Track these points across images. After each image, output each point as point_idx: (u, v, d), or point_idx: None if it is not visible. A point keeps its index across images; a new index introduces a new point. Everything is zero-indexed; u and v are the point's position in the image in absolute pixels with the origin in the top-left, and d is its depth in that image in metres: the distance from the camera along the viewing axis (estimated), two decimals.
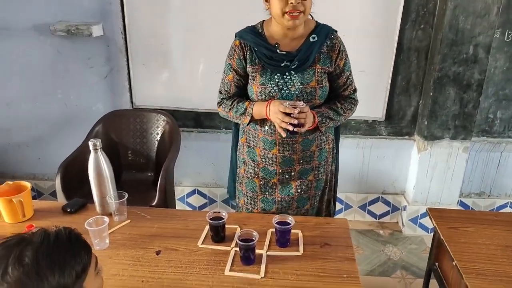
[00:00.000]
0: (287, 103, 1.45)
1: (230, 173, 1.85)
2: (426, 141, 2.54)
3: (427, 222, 2.67)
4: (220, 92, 1.68)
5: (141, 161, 2.44)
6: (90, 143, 1.51)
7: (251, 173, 1.70)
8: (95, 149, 1.51)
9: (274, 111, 1.47)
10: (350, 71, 1.63)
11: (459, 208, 2.79)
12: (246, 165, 1.71)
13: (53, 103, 2.68)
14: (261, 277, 1.28)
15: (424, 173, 2.62)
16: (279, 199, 1.70)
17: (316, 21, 1.59)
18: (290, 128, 1.44)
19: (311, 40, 1.54)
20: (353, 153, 2.72)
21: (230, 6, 2.35)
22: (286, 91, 1.54)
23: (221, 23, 2.36)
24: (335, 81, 1.61)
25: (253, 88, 1.58)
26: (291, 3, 1.40)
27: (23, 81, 2.64)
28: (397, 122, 2.65)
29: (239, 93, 1.66)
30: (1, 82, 2.65)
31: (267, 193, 1.71)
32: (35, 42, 2.53)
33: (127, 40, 2.49)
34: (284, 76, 1.54)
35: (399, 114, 2.63)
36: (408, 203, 2.72)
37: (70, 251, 0.86)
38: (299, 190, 1.69)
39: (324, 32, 1.56)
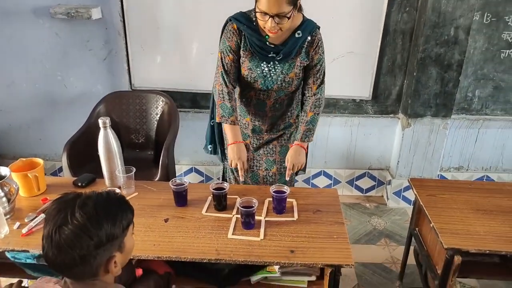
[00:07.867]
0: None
1: (208, 129, 2.05)
2: (410, 118, 2.70)
3: (410, 195, 2.86)
4: (226, 72, 1.75)
5: (141, 141, 2.55)
6: (100, 121, 1.62)
7: None
8: (105, 126, 1.63)
9: (233, 156, 1.76)
10: (323, 65, 1.79)
11: None
12: None
13: (53, 85, 2.75)
14: (261, 239, 1.43)
15: (408, 149, 2.79)
16: (252, 157, 1.98)
17: (303, 16, 1.72)
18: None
19: (296, 36, 1.70)
20: (341, 131, 2.87)
21: None
22: (269, 79, 1.76)
23: (214, 7, 2.45)
24: (308, 71, 1.80)
25: (242, 70, 1.78)
26: (265, 27, 1.59)
27: (23, 64, 2.70)
28: (383, 101, 2.80)
29: (237, 73, 1.81)
30: (1, 65, 2.71)
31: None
32: (34, 25, 2.58)
33: (125, 23, 2.56)
34: (269, 65, 1.74)
35: (385, 93, 2.77)
36: (392, 177, 2.90)
37: (120, 207, 1.02)
38: (265, 152, 1.97)
39: (309, 29, 1.71)
